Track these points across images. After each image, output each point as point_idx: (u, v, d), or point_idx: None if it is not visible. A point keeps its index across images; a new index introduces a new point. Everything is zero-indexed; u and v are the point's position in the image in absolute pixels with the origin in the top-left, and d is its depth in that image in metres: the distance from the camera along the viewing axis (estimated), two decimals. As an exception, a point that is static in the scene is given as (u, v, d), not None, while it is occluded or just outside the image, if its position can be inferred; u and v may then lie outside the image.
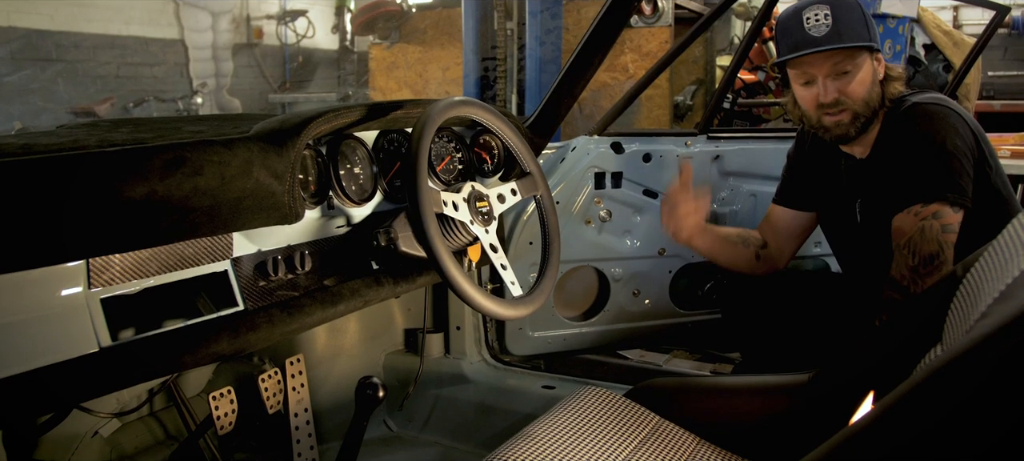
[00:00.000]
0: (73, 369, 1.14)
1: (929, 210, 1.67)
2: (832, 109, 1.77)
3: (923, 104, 1.77)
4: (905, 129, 1.75)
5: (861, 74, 1.75)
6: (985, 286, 1.05)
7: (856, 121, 1.78)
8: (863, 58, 1.76)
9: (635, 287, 2.55)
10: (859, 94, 1.76)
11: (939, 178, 1.68)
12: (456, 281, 1.38)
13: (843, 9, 1.74)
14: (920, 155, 1.71)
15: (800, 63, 1.78)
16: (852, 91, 1.75)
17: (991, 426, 0.71)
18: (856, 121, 1.78)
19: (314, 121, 1.45)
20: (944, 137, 1.70)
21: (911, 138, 1.74)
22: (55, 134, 1.39)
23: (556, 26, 4.70)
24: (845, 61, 1.74)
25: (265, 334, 1.37)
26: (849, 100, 1.76)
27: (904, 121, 1.76)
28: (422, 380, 2.36)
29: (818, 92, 1.77)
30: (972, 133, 1.75)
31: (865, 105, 1.77)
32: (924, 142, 1.71)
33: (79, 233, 1.11)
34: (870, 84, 1.77)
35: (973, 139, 1.74)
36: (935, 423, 0.75)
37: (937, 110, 1.74)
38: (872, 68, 1.78)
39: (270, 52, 8.52)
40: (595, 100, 4.71)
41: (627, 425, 1.47)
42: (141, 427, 1.92)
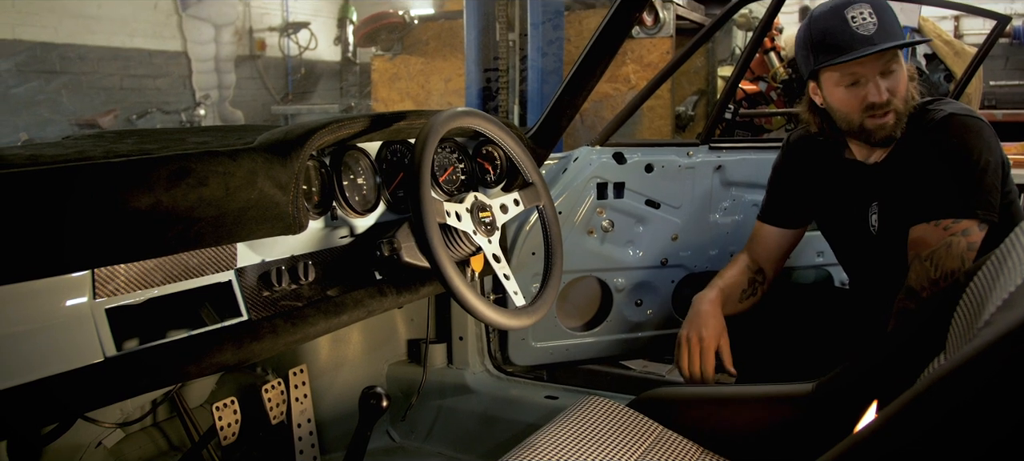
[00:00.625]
0: (78, 379, 1.14)
1: (959, 226, 1.65)
2: (879, 110, 1.72)
3: (959, 115, 1.72)
4: (939, 139, 1.71)
5: (902, 72, 1.73)
6: (988, 294, 1.05)
7: (899, 122, 1.74)
8: (902, 56, 1.74)
9: (638, 297, 2.55)
10: (902, 93, 1.72)
11: (974, 194, 1.66)
12: (459, 291, 1.39)
13: (882, 7, 1.71)
14: (956, 168, 1.69)
15: (849, 64, 1.72)
16: (897, 90, 1.71)
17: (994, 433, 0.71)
18: (899, 122, 1.74)
19: (318, 132, 1.45)
20: (981, 153, 1.67)
21: (946, 149, 1.70)
22: (61, 145, 1.40)
23: (558, 37, 4.72)
24: (892, 59, 1.71)
25: (269, 344, 1.38)
26: (896, 99, 1.72)
27: (938, 131, 1.72)
28: (425, 390, 2.36)
29: (866, 93, 1.71)
30: (1000, 147, 1.74)
31: (905, 104, 1.74)
32: (961, 155, 1.68)
33: (84, 243, 1.11)
34: (908, 84, 1.75)
35: (1000, 153, 1.73)
36: (939, 431, 0.75)
37: (974, 124, 1.71)
38: (906, 68, 1.76)
39: (273, 64, 8.54)
40: (597, 111, 4.72)
41: (630, 435, 1.47)
42: (144, 437, 1.92)
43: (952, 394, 0.75)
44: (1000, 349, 0.73)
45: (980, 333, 0.92)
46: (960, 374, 0.76)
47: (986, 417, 0.72)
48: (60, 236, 1.08)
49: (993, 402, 0.72)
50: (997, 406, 0.71)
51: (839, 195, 1.94)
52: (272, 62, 8.54)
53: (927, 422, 0.76)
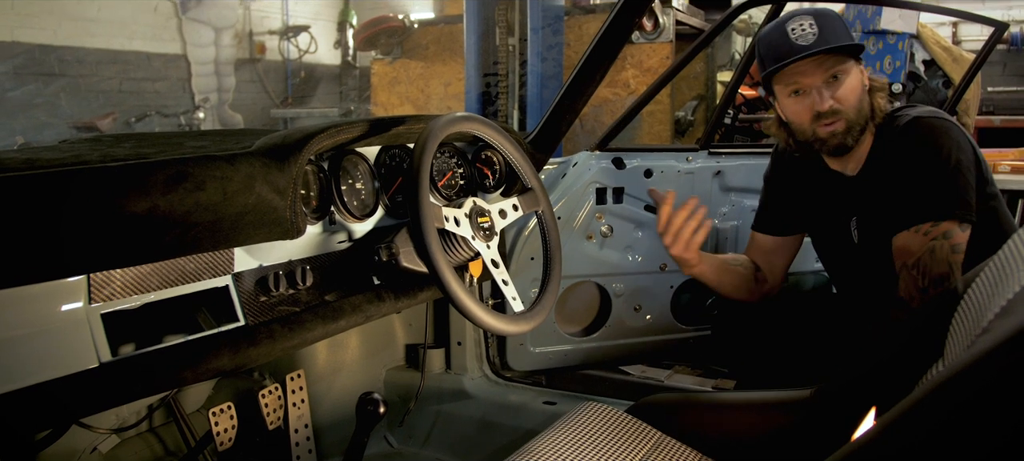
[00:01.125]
0: (73, 384, 1.14)
1: (939, 230, 1.63)
2: (828, 118, 1.73)
3: (924, 118, 1.73)
4: (907, 144, 1.72)
5: (851, 80, 1.73)
6: (986, 302, 1.05)
7: (851, 130, 1.74)
8: (851, 64, 1.73)
9: (636, 302, 2.55)
10: (851, 100, 1.73)
11: (948, 195, 1.65)
12: (458, 296, 1.38)
13: (827, 18, 1.72)
14: (927, 171, 1.68)
15: (789, 73, 1.74)
16: (844, 97, 1.72)
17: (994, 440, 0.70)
18: (851, 130, 1.74)
19: (316, 137, 1.45)
20: (949, 152, 1.67)
21: (915, 154, 1.70)
22: (58, 149, 1.40)
23: (558, 42, 4.72)
24: (835, 66, 1.71)
25: (266, 349, 1.37)
26: (842, 107, 1.72)
27: (905, 136, 1.73)
28: (423, 396, 2.35)
29: (812, 101, 1.73)
30: (971, 146, 1.72)
31: (857, 112, 1.74)
32: (931, 158, 1.68)
33: (80, 248, 1.11)
34: (860, 91, 1.75)
35: (973, 151, 1.72)
36: (937, 437, 0.74)
37: (940, 124, 1.71)
38: (860, 75, 1.75)
39: (272, 67, 8.54)
40: (596, 116, 4.72)
41: (629, 441, 1.47)
42: (140, 443, 1.91)
43: (951, 400, 0.75)
44: (999, 356, 0.73)
45: (978, 340, 0.92)
46: (959, 381, 0.75)
47: (985, 423, 0.72)
48: (55, 240, 1.07)
49: (992, 408, 0.71)
50: (996, 412, 0.71)
51: (822, 207, 1.94)
52: (272, 65, 8.53)
53: (926, 428, 0.75)
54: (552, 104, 2.01)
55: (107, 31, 6.67)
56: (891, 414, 0.80)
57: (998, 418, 0.71)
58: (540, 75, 4.59)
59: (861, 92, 1.75)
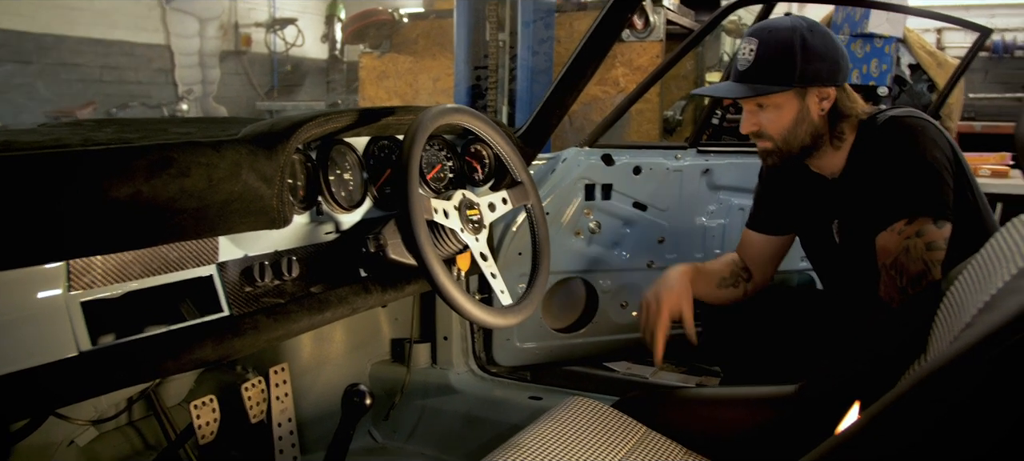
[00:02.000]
0: (50, 374, 1.11)
1: (912, 228, 1.64)
2: (756, 137, 1.81)
3: (899, 118, 1.74)
4: (882, 144, 1.73)
5: (779, 112, 1.76)
6: (969, 297, 1.05)
7: (775, 154, 1.80)
8: (785, 97, 1.74)
9: (623, 299, 2.54)
10: (775, 129, 1.77)
11: (921, 193, 1.66)
12: (446, 289, 1.37)
13: (769, 47, 1.73)
14: (900, 170, 1.68)
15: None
16: (768, 126, 1.78)
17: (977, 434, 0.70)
18: (775, 154, 1.80)
19: (305, 125, 1.43)
20: (924, 150, 1.67)
21: (889, 153, 1.71)
22: (37, 132, 1.37)
23: (548, 37, 4.71)
24: (759, 96, 1.76)
25: (251, 341, 1.35)
26: (767, 132, 1.78)
27: (881, 136, 1.74)
28: (408, 390, 2.34)
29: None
30: (950, 145, 1.73)
31: (785, 141, 1.78)
32: (904, 156, 1.69)
33: (59, 234, 1.08)
34: (791, 123, 1.76)
35: (951, 151, 1.72)
36: (921, 432, 0.75)
37: (914, 123, 1.71)
38: (798, 106, 1.75)
39: (258, 60, 8.48)
40: (585, 113, 4.72)
41: (614, 435, 1.46)
42: (119, 436, 1.88)
43: (935, 395, 0.75)
44: (982, 350, 0.73)
45: (962, 335, 0.92)
46: (943, 375, 0.76)
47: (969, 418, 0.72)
48: (34, 226, 1.05)
49: (976, 403, 0.72)
50: (980, 407, 0.71)
51: (806, 208, 1.96)
52: (258, 58, 8.47)
53: (910, 423, 0.76)
54: (543, 99, 2.00)
55: (88, 19, 6.59)
56: (875, 408, 0.80)
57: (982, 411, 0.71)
58: (530, 70, 4.58)
59: (792, 123, 1.76)
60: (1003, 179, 3.71)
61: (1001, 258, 1.01)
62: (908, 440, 0.74)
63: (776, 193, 2.03)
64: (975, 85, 6.33)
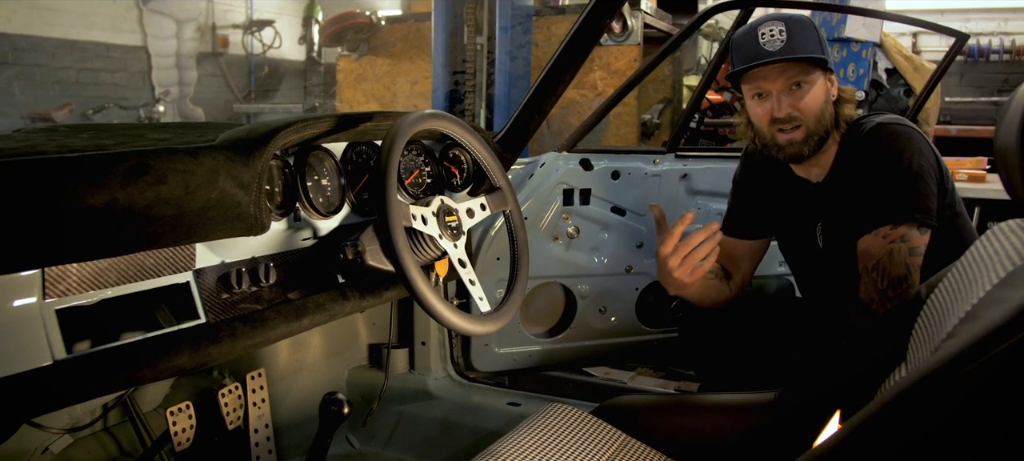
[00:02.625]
0: (24, 383, 1.09)
1: (897, 233, 1.66)
2: (785, 125, 1.75)
3: (887, 124, 1.75)
4: (869, 149, 1.74)
5: (814, 90, 1.73)
6: (950, 306, 1.06)
7: (809, 139, 1.75)
8: (817, 74, 1.74)
9: (602, 304, 2.55)
10: (812, 110, 1.73)
11: (908, 199, 1.68)
12: (424, 296, 1.37)
13: (798, 26, 1.73)
14: (888, 176, 1.70)
15: (753, 76, 1.76)
16: (805, 106, 1.73)
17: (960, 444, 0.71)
18: (809, 139, 1.75)
19: (282, 131, 1.42)
20: (911, 157, 1.69)
21: (877, 158, 1.72)
22: (12, 138, 1.35)
23: (527, 41, 4.71)
24: (799, 74, 1.72)
25: (227, 348, 1.34)
26: (802, 116, 1.73)
27: (868, 141, 1.75)
28: (386, 396, 2.33)
29: (771, 106, 1.75)
30: (933, 152, 1.75)
31: (817, 122, 1.75)
32: (891, 162, 1.70)
33: (34, 241, 1.07)
34: (823, 101, 1.75)
35: (935, 159, 1.74)
36: (904, 443, 0.75)
37: (902, 130, 1.73)
38: (825, 86, 1.76)
39: (235, 62, 8.40)
40: (563, 117, 4.72)
41: (593, 443, 1.47)
42: (94, 443, 1.86)
43: (918, 406, 0.76)
44: (965, 361, 0.73)
45: (944, 345, 0.93)
46: (925, 386, 0.76)
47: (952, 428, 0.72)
48: (8, 233, 1.03)
49: (959, 413, 0.72)
50: (963, 417, 0.72)
51: (788, 212, 1.96)
52: (235, 60, 8.40)
53: (893, 434, 0.76)
54: (521, 104, 2.00)
55: (65, 20, 6.51)
56: (857, 418, 0.81)
57: (965, 421, 0.72)
58: (508, 74, 4.58)
59: (824, 103, 1.76)
60: (980, 184, 3.75)
61: (982, 266, 1.02)
62: (891, 451, 0.74)
63: (753, 197, 2.03)
64: (951, 89, 6.41)
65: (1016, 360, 0.71)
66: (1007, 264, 0.96)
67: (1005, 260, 0.97)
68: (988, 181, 3.77)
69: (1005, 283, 0.92)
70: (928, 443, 0.74)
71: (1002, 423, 0.70)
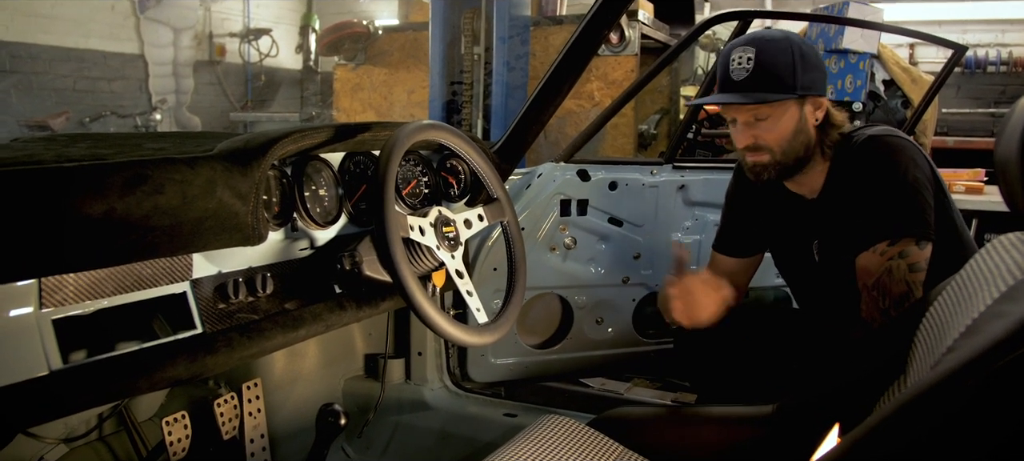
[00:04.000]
0: (21, 393, 1.09)
1: (895, 249, 1.63)
2: (751, 151, 1.75)
3: (879, 136, 1.73)
4: (862, 163, 1.71)
5: (781, 122, 1.71)
6: (951, 319, 1.06)
7: (773, 166, 1.75)
8: (785, 106, 1.71)
9: (598, 315, 2.55)
10: (774, 140, 1.72)
11: (904, 214, 1.65)
12: (422, 307, 1.36)
13: (769, 54, 1.69)
14: (883, 190, 1.68)
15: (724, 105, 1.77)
16: (767, 138, 1.72)
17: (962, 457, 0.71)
18: (773, 166, 1.75)
19: (280, 141, 1.42)
20: (905, 170, 1.66)
21: (871, 172, 1.70)
22: (10, 148, 1.35)
23: (524, 52, 4.71)
24: (761, 108, 1.71)
25: (224, 358, 1.34)
26: (765, 145, 1.73)
27: (861, 155, 1.72)
28: (382, 406, 2.32)
29: (738, 134, 1.76)
30: (928, 163, 1.73)
31: (784, 152, 1.73)
32: (886, 176, 1.68)
33: (31, 251, 1.06)
34: (791, 132, 1.72)
35: (930, 170, 1.72)
36: (906, 455, 0.75)
37: (895, 142, 1.71)
38: (798, 115, 1.72)
39: (232, 70, 8.40)
40: (560, 127, 4.73)
41: (590, 455, 1.46)
42: (90, 453, 1.85)
43: (918, 420, 0.75)
44: (966, 375, 0.73)
45: (944, 359, 0.92)
46: (926, 400, 0.76)
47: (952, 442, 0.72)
48: (5, 243, 1.03)
49: (959, 427, 0.72)
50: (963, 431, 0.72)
51: (783, 228, 1.94)
52: (232, 68, 8.40)
53: (893, 446, 0.76)
54: (519, 114, 2.00)
55: (62, 28, 6.51)
56: (857, 432, 0.81)
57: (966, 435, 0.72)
58: (506, 85, 4.58)
59: (792, 132, 1.73)
60: (978, 195, 3.75)
61: (982, 280, 1.02)
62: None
63: (746, 215, 2.01)
64: (948, 100, 6.42)
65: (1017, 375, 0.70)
66: (1008, 278, 0.96)
67: (1006, 274, 0.97)
68: (986, 193, 3.77)
69: (1006, 297, 0.91)
70: (929, 457, 0.74)
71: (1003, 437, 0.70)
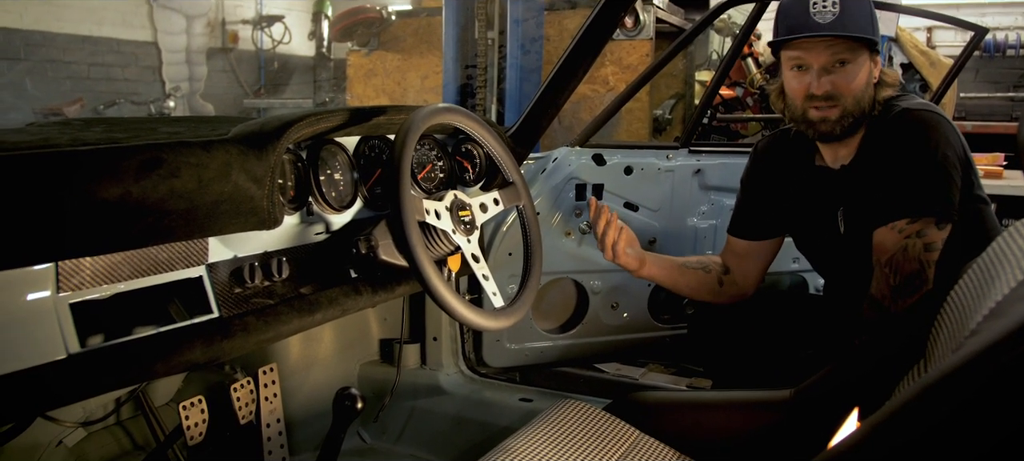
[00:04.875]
0: (39, 377, 1.09)
1: (913, 228, 1.61)
2: (821, 102, 1.68)
3: (914, 110, 1.67)
4: (895, 135, 1.67)
5: (859, 70, 1.66)
6: (973, 303, 1.04)
7: (843, 119, 1.68)
8: (863, 54, 1.67)
9: (614, 300, 2.54)
10: (853, 91, 1.66)
11: (928, 192, 1.62)
12: (438, 291, 1.36)
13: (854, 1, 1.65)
14: (910, 165, 1.64)
15: (797, 46, 1.68)
16: (846, 86, 1.66)
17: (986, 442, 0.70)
18: (843, 119, 1.68)
19: (295, 125, 1.42)
20: (936, 146, 1.62)
21: (901, 145, 1.65)
22: (25, 132, 1.35)
23: (539, 35, 4.68)
24: (845, 52, 1.65)
25: (240, 342, 1.34)
26: (842, 95, 1.67)
27: (894, 127, 1.67)
28: (398, 391, 2.32)
29: (810, 81, 1.68)
30: (961, 142, 1.68)
31: (856, 104, 1.68)
32: (915, 151, 1.64)
33: (48, 235, 1.07)
34: (865, 83, 1.68)
35: (962, 148, 1.68)
36: (928, 440, 0.74)
37: (929, 117, 1.66)
38: (869, 67, 1.69)
39: (245, 57, 8.41)
40: (575, 112, 4.71)
41: (607, 440, 1.46)
42: (108, 437, 1.86)
43: (941, 403, 0.74)
44: (990, 358, 0.72)
45: (967, 342, 0.91)
46: (949, 383, 0.75)
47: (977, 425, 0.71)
48: (22, 227, 1.03)
49: (984, 410, 0.71)
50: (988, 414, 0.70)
51: (808, 202, 1.89)
52: (245, 55, 8.41)
53: (916, 431, 0.75)
54: (534, 98, 1.99)
55: (76, 15, 6.53)
56: (878, 416, 0.80)
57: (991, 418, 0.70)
58: (520, 69, 4.55)
59: (865, 85, 1.69)
60: (997, 180, 3.71)
61: (1005, 263, 1.00)
62: (914, 449, 0.73)
63: (763, 195, 1.99)
64: (966, 84, 6.33)
65: None
66: (1032, 261, 0.94)
67: (1030, 256, 0.96)
68: (1006, 177, 3.73)
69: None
70: (952, 441, 0.73)
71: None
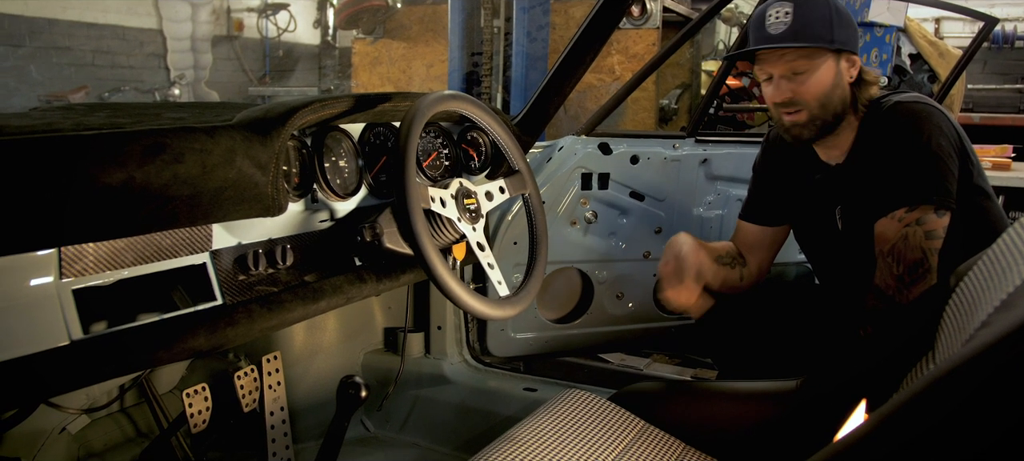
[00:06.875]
0: (42, 363, 1.09)
1: (913, 216, 1.63)
2: (788, 108, 1.75)
3: (906, 102, 1.73)
4: (888, 129, 1.71)
5: (817, 75, 1.72)
6: (982, 295, 1.03)
7: (812, 123, 1.75)
8: (822, 59, 1.72)
9: (619, 290, 2.53)
10: (812, 94, 1.72)
11: (924, 181, 1.65)
12: (443, 279, 1.35)
13: (807, 8, 1.70)
14: (904, 156, 1.67)
15: (759, 60, 1.77)
16: (805, 91, 1.72)
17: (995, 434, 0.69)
18: (812, 123, 1.75)
19: (299, 111, 1.41)
20: (929, 136, 1.66)
21: (895, 138, 1.70)
22: (28, 116, 1.34)
23: (545, 23, 4.66)
24: (799, 61, 1.71)
25: (244, 330, 1.33)
26: (802, 101, 1.73)
27: (886, 121, 1.72)
28: (402, 380, 2.32)
29: (773, 90, 1.76)
30: (956, 131, 1.72)
31: (822, 107, 1.73)
32: (909, 142, 1.67)
33: (51, 220, 1.06)
34: (828, 86, 1.73)
35: (957, 137, 1.71)
36: (937, 432, 0.73)
37: (921, 108, 1.70)
38: (835, 70, 1.73)
39: (250, 45, 8.39)
40: (580, 101, 4.69)
41: (612, 430, 1.45)
42: (111, 424, 1.86)
43: (951, 394, 0.74)
44: (1000, 350, 0.71)
45: (978, 334, 0.90)
46: (959, 375, 0.74)
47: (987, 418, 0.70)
48: (25, 212, 1.02)
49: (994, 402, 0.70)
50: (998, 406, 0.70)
51: (808, 196, 1.94)
52: (250, 43, 8.39)
53: (925, 423, 0.74)
54: (540, 87, 1.98)
55: (80, 3, 6.52)
56: (886, 408, 0.79)
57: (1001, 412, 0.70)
58: (526, 57, 4.53)
59: (829, 87, 1.73)
60: (1005, 172, 3.69)
61: (1015, 255, 0.99)
62: (923, 441, 0.72)
63: (774, 183, 2.02)
64: (974, 76, 6.30)
65: None
66: (1044, 253, 0.93)
67: (1041, 248, 0.95)
68: (1013, 169, 3.71)
69: None
70: (962, 434, 0.72)
71: None
